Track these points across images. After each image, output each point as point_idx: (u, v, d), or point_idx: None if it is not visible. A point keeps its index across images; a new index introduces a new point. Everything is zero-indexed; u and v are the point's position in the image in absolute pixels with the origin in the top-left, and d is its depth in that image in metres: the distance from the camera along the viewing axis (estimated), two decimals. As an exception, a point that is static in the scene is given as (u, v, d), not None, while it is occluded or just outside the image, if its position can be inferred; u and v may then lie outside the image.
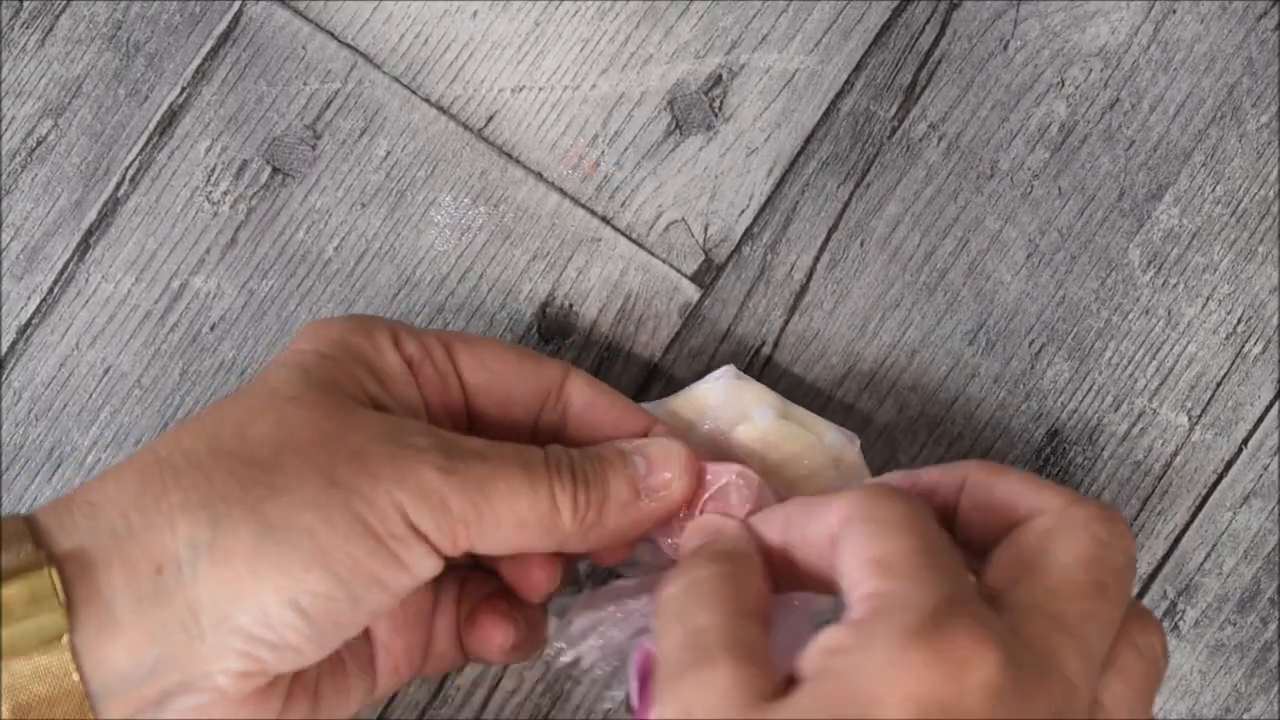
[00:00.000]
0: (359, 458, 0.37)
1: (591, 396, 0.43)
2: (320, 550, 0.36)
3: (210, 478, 0.37)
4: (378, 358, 0.41)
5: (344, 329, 0.41)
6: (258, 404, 0.39)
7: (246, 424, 0.38)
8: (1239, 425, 0.49)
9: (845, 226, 0.49)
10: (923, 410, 0.49)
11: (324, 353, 0.40)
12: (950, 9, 0.49)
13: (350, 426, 0.38)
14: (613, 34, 0.49)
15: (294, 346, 0.41)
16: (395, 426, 0.39)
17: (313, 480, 0.37)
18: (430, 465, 0.38)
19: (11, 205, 0.49)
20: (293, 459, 0.37)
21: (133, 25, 0.50)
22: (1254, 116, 0.49)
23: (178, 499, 0.36)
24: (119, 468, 0.38)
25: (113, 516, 0.36)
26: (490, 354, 0.42)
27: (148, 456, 0.38)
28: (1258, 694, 0.48)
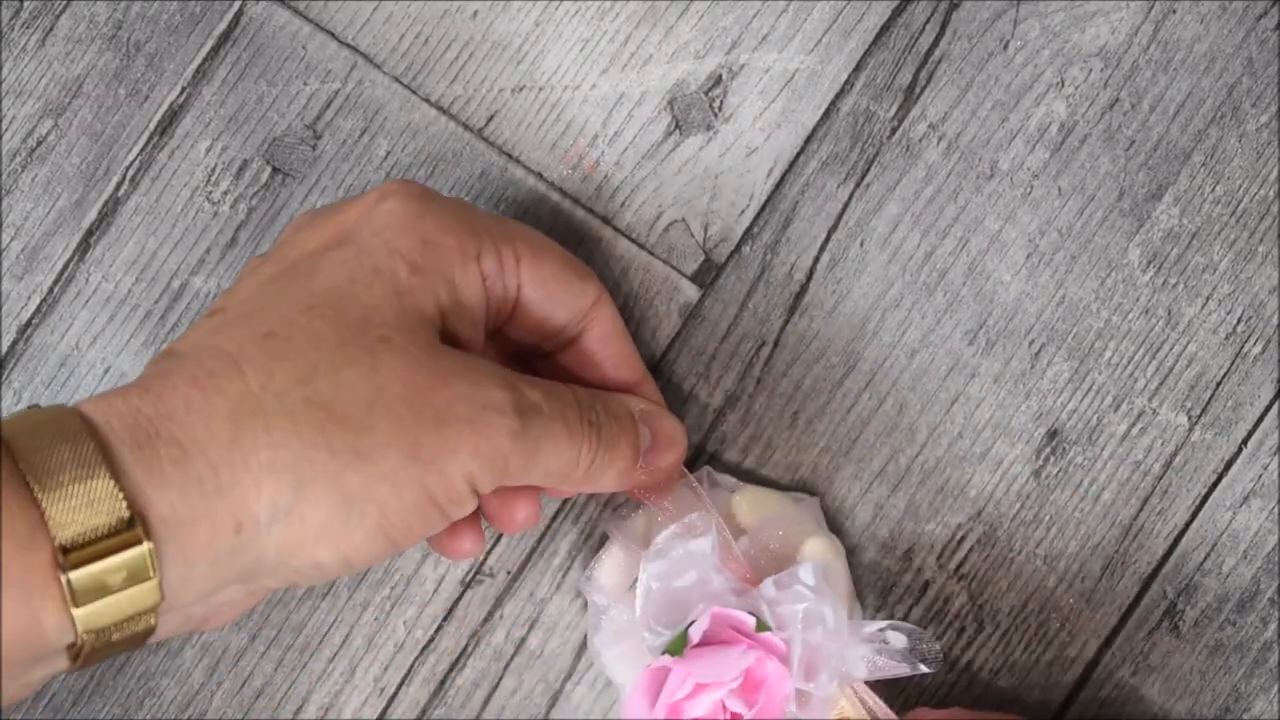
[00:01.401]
0: (442, 423, 0.38)
1: (609, 331, 0.45)
2: (386, 523, 0.38)
3: (300, 433, 0.37)
4: (461, 274, 0.41)
5: (440, 231, 0.41)
6: (351, 336, 0.38)
7: (342, 366, 0.38)
8: (1239, 425, 0.49)
9: (845, 226, 0.49)
10: (923, 410, 0.49)
11: (417, 264, 0.40)
12: (950, 9, 0.49)
13: (437, 378, 0.39)
14: (613, 34, 0.50)
15: (390, 237, 0.41)
16: (475, 377, 0.40)
17: (397, 451, 0.38)
18: (505, 432, 0.39)
19: (12, 205, 0.49)
20: (382, 421, 0.38)
21: (133, 25, 0.50)
22: (1254, 116, 0.49)
23: (267, 458, 0.37)
24: (209, 398, 0.37)
25: (202, 468, 0.36)
26: (550, 270, 0.43)
27: (240, 389, 0.37)
28: (1257, 694, 0.48)
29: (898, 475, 0.49)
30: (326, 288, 0.39)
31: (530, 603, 0.49)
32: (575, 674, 0.49)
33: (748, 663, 0.43)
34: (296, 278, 0.40)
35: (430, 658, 0.49)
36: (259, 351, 0.38)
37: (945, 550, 0.49)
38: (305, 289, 0.39)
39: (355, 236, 0.41)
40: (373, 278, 0.40)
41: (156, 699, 0.49)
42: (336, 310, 0.39)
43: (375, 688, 0.49)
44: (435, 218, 0.41)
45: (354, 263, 0.40)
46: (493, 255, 0.42)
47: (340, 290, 0.39)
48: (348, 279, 0.39)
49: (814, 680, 0.44)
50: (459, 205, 0.43)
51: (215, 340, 0.38)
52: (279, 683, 0.49)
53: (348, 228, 0.41)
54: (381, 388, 0.38)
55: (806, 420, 0.49)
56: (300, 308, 0.39)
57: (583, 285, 0.44)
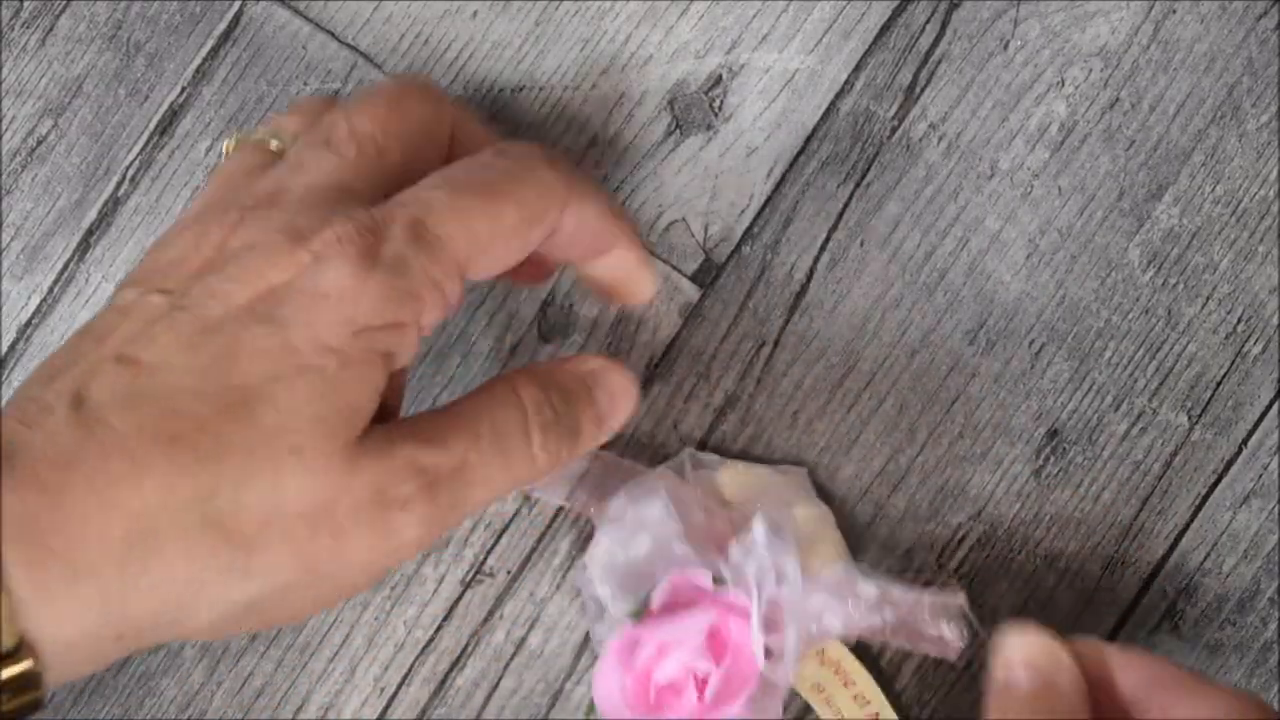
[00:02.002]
0: (340, 536, 0.37)
1: (573, 229, 0.42)
2: (270, 621, 0.39)
3: (192, 556, 0.36)
4: (397, 345, 0.39)
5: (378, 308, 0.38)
6: (260, 446, 0.37)
7: (243, 481, 0.37)
8: (1239, 425, 0.49)
9: (845, 226, 0.49)
10: (923, 410, 0.49)
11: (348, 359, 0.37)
12: (950, 9, 0.49)
13: (341, 489, 0.37)
14: (613, 34, 0.50)
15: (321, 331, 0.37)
16: (382, 478, 0.38)
17: (290, 570, 0.37)
18: (416, 522, 0.38)
19: (11, 205, 0.49)
20: (275, 541, 0.37)
21: (133, 25, 0.50)
22: (1254, 116, 0.49)
23: (156, 578, 0.36)
24: (106, 514, 0.36)
25: (91, 593, 0.35)
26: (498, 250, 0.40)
27: (138, 506, 0.36)
28: (1257, 694, 0.48)
29: (898, 475, 0.49)
30: (245, 383, 0.37)
31: (530, 603, 0.49)
32: (575, 674, 0.49)
33: (709, 620, 0.44)
34: (218, 355, 0.37)
35: (430, 658, 0.49)
36: (162, 459, 0.36)
37: (945, 550, 0.49)
38: (223, 379, 0.37)
39: (283, 316, 0.37)
40: (296, 378, 0.37)
41: (156, 699, 0.49)
42: (251, 414, 0.37)
43: (375, 688, 0.49)
44: (374, 294, 0.38)
45: (278, 357, 0.37)
46: (437, 303, 0.39)
47: (260, 389, 0.37)
48: (271, 376, 0.37)
49: (778, 634, 0.44)
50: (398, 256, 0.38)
51: (122, 423, 0.36)
52: (279, 683, 0.49)
53: (276, 293, 0.38)
54: (279, 506, 0.37)
55: (806, 420, 0.49)
56: (215, 406, 0.37)
57: (540, 229, 0.41)
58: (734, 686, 0.44)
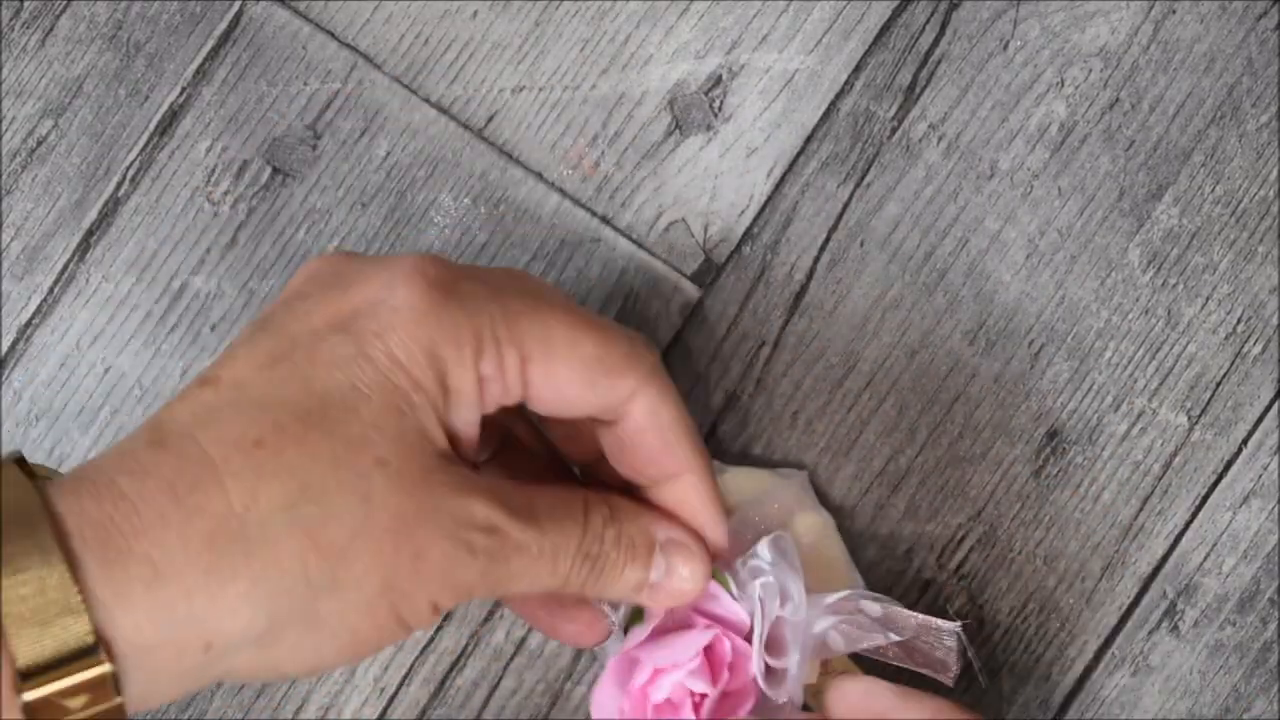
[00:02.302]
0: (418, 559, 0.37)
1: (645, 426, 0.42)
2: (355, 641, 0.38)
3: (280, 563, 0.36)
4: (456, 378, 0.39)
5: (446, 339, 0.38)
6: (347, 457, 0.37)
7: (333, 490, 0.36)
8: (1239, 425, 0.49)
9: (845, 226, 0.49)
10: (923, 410, 0.49)
11: (419, 382, 0.38)
12: (950, 9, 0.49)
13: (424, 512, 0.37)
14: (613, 34, 0.50)
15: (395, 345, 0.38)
16: (460, 514, 0.38)
17: (371, 582, 0.37)
18: (476, 570, 0.38)
19: (12, 205, 0.49)
20: (364, 554, 0.37)
21: (133, 25, 0.50)
22: (1254, 116, 0.49)
23: (245, 587, 0.35)
24: (188, 517, 0.35)
25: (174, 593, 0.35)
26: (566, 372, 0.40)
27: (222, 509, 0.35)
28: (1257, 694, 0.48)
29: (898, 475, 0.49)
30: (326, 390, 0.37)
31: (530, 603, 0.49)
32: (575, 674, 0.49)
33: (704, 641, 0.43)
34: (296, 366, 0.37)
35: (430, 658, 0.49)
36: (246, 464, 0.36)
37: (945, 550, 0.49)
38: (304, 385, 0.37)
39: (359, 327, 0.38)
40: (373, 390, 0.37)
41: (156, 699, 0.49)
42: (333, 422, 0.37)
43: (375, 688, 0.49)
44: (444, 320, 0.38)
45: (355, 365, 0.37)
46: (494, 359, 0.39)
47: (340, 398, 0.37)
48: (350, 385, 0.37)
49: (783, 656, 0.44)
50: (472, 295, 0.39)
51: (202, 435, 0.36)
52: (279, 683, 0.49)
53: (354, 310, 0.38)
54: (369, 518, 0.37)
55: (806, 420, 0.49)
56: (296, 413, 0.37)
57: (612, 384, 0.41)
58: (731, 705, 0.44)
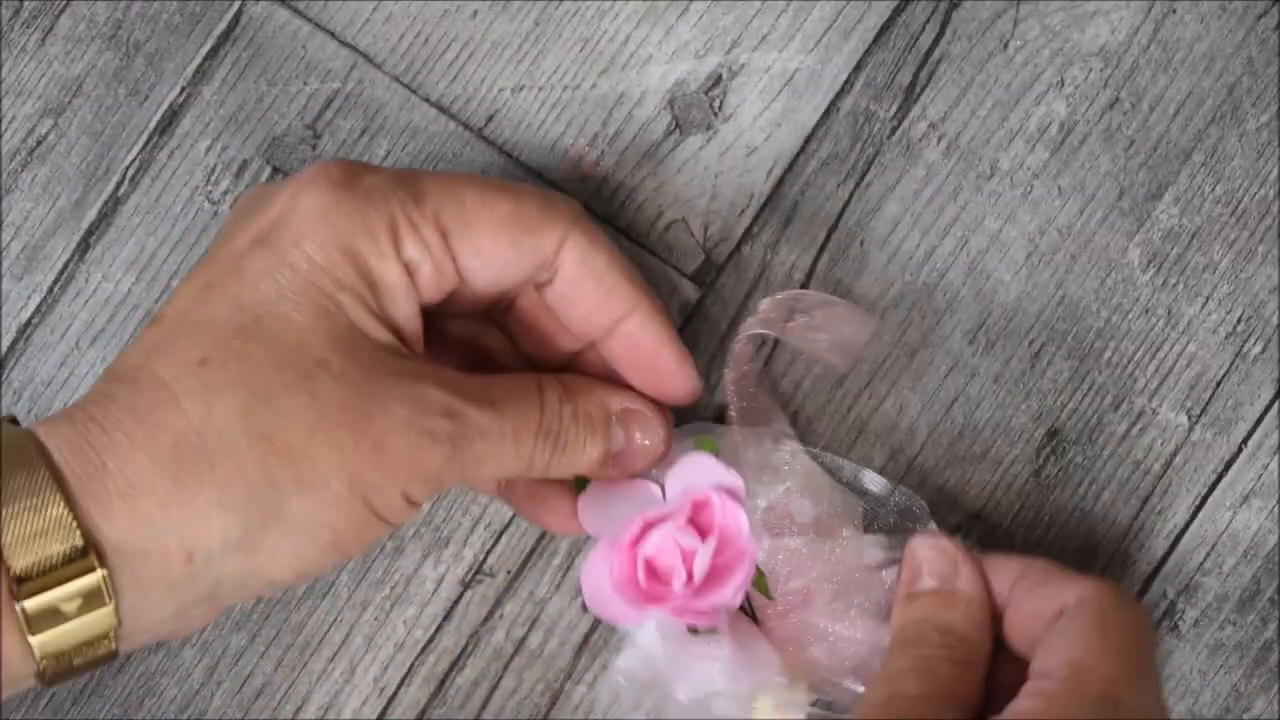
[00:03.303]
0: (380, 450, 0.39)
1: (580, 274, 0.43)
2: (337, 539, 0.39)
3: (244, 469, 0.37)
4: (379, 268, 0.40)
5: (355, 230, 0.39)
6: (288, 361, 0.38)
7: (280, 393, 0.38)
8: (1239, 425, 0.49)
9: (845, 226, 0.49)
10: (923, 410, 0.49)
11: (339, 280, 0.39)
12: (950, 9, 0.49)
13: (375, 404, 0.39)
14: (613, 34, 0.50)
15: (309, 248, 0.39)
16: (414, 403, 0.39)
17: (338, 477, 0.38)
18: (441, 457, 0.39)
19: (11, 205, 0.49)
20: (323, 452, 0.38)
21: (133, 25, 0.50)
22: (1254, 116, 0.49)
23: (214, 495, 0.37)
24: (151, 434, 0.37)
25: (149, 504, 0.37)
26: (488, 235, 0.41)
27: (181, 425, 0.37)
28: (1258, 693, 0.48)
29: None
30: (255, 302, 0.39)
31: (530, 602, 0.49)
32: (575, 674, 0.49)
33: (693, 498, 0.43)
34: (226, 286, 0.39)
35: (430, 658, 0.49)
36: (194, 381, 0.38)
37: (945, 550, 0.49)
38: (235, 303, 0.39)
39: (276, 238, 0.39)
40: (300, 297, 0.39)
41: (156, 699, 0.48)
42: (269, 331, 0.38)
43: (375, 688, 0.49)
44: (349, 212, 0.40)
45: (278, 275, 0.39)
46: (414, 240, 0.40)
47: (270, 308, 0.39)
48: (277, 294, 0.39)
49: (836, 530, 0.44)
50: (377, 185, 0.40)
51: (153, 364, 0.38)
52: (279, 683, 0.49)
53: (271, 223, 0.40)
54: (322, 415, 0.38)
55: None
56: (233, 328, 0.38)
57: (534, 239, 0.42)
58: (725, 566, 0.43)
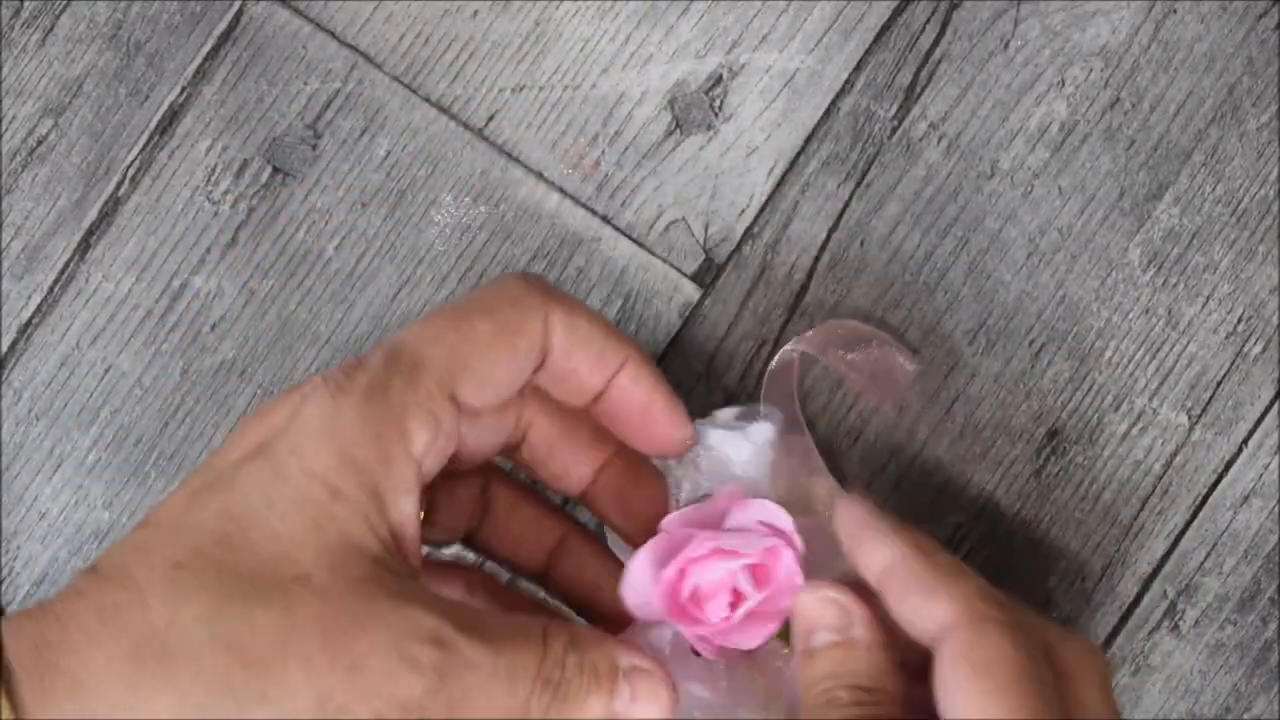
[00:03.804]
0: (356, 673, 0.37)
1: (569, 344, 0.41)
2: None
3: (204, 679, 0.36)
4: (384, 475, 0.38)
5: (359, 438, 0.38)
6: (265, 573, 0.37)
7: (253, 604, 0.36)
8: (1239, 425, 0.49)
9: (845, 226, 0.49)
10: (923, 410, 0.49)
11: (337, 490, 0.38)
12: (950, 9, 0.49)
13: (356, 624, 0.37)
14: (613, 34, 0.50)
15: (307, 457, 0.38)
16: (400, 627, 0.37)
17: (305, 696, 0.36)
18: (422, 687, 0.37)
19: (12, 205, 0.49)
20: (292, 667, 0.36)
21: (133, 25, 0.50)
22: (1254, 116, 0.49)
23: (169, 701, 0.35)
24: (113, 634, 0.36)
25: (98, 709, 0.35)
26: (485, 365, 0.40)
27: (143, 628, 0.36)
28: (1258, 693, 0.48)
29: (898, 475, 0.49)
30: (242, 513, 0.37)
31: (530, 602, 0.49)
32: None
33: (767, 545, 0.42)
34: (215, 494, 0.38)
35: (430, 657, 0.49)
36: (166, 585, 0.36)
37: (945, 550, 0.49)
38: (222, 511, 0.38)
39: (273, 449, 0.38)
40: (290, 508, 0.37)
41: (156, 699, 0.48)
42: (250, 542, 0.37)
43: (375, 687, 0.49)
44: (356, 422, 0.38)
45: (271, 486, 0.38)
46: (423, 425, 0.39)
47: (256, 518, 0.37)
48: (266, 504, 0.37)
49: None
50: (375, 382, 0.39)
51: (130, 563, 0.37)
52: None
53: (269, 434, 0.39)
54: (293, 628, 0.36)
55: (806, 420, 0.49)
56: (214, 536, 0.37)
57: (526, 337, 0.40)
58: (762, 615, 0.43)
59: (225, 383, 0.49)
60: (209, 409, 0.49)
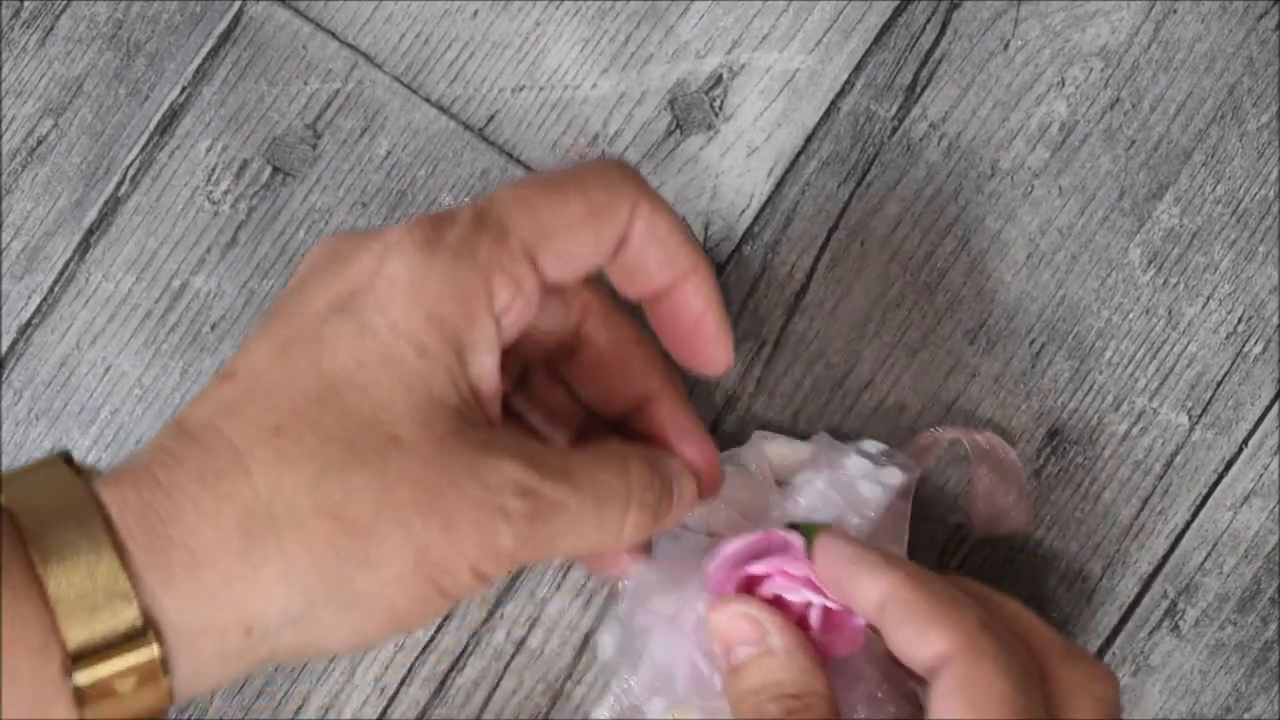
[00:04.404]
0: (449, 528, 0.38)
1: (646, 241, 0.41)
2: (396, 616, 0.38)
3: (310, 546, 0.36)
4: (467, 330, 0.39)
5: (445, 296, 0.38)
6: (360, 435, 0.37)
7: (351, 469, 0.37)
8: (1239, 425, 0.49)
9: (845, 226, 0.49)
10: (923, 410, 0.49)
11: (424, 346, 0.38)
12: (951, 9, 0.49)
13: (446, 479, 0.38)
14: (613, 34, 0.50)
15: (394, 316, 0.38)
16: (487, 479, 0.38)
17: (404, 556, 0.37)
18: (513, 535, 0.38)
19: (12, 205, 0.49)
20: (391, 527, 0.37)
21: (133, 25, 0.50)
22: (1254, 116, 0.49)
23: (278, 569, 0.36)
24: (219, 504, 0.36)
25: (212, 578, 0.36)
26: (569, 241, 0.40)
27: (249, 496, 0.36)
28: (1258, 693, 0.48)
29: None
30: (334, 371, 0.38)
31: (530, 602, 0.49)
32: (575, 673, 0.49)
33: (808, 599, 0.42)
34: (305, 350, 0.38)
35: (430, 658, 0.49)
36: (268, 451, 0.37)
37: (946, 549, 0.49)
38: (314, 369, 0.38)
39: (359, 305, 0.38)
40: (380, 367, 0.38)
41: (156, 699, 0.49)
42: (345, 403, 0.38)
43: (375, 687, 0.49)
44: (439, 276, 0.38)
45: (359, 343, 0.38)
46: (506, 286, 0.39)
47: (348, 377, 0.38)
48: (356, 363, 0.38)
49: None
50: (463, 239, 0.39)
51: (225, 425, 0.37)
52: (279, 683, 0.49)
53: (353, 287, 0.39)
54: (389, 491, 0.37)
55: (807, 420, 0.49)
56: (309, 397, 0.38)
57: (612, 225, 0.40)
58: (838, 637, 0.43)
59: (225, 383, 0.49)
60: (209, 409, 0.49)
